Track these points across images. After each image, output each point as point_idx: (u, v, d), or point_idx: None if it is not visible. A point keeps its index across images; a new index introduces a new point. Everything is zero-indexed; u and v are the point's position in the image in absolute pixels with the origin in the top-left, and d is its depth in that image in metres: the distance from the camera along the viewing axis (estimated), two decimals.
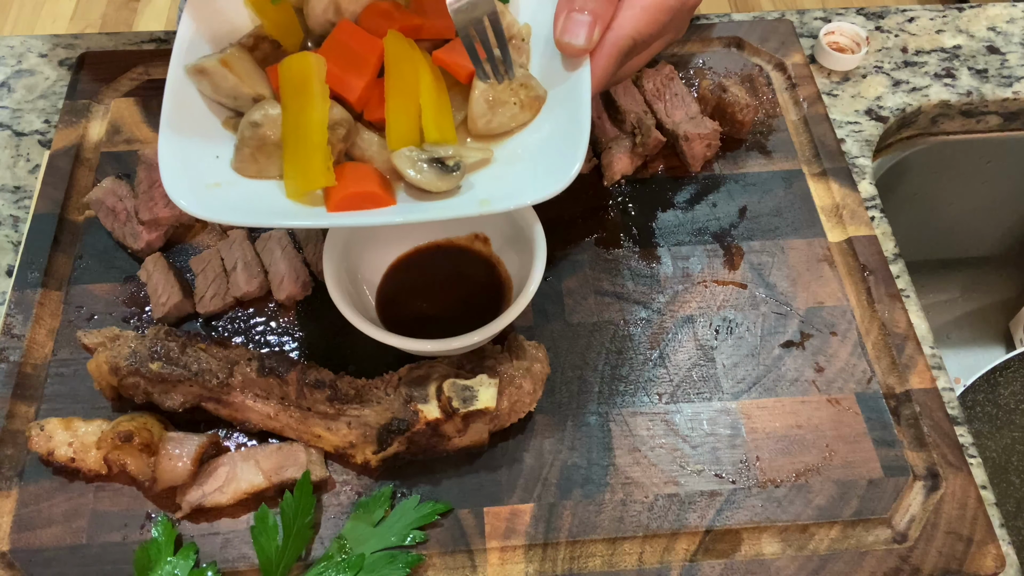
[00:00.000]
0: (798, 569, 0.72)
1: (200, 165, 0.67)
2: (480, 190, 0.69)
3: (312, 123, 0.65)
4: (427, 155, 0.67)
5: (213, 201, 0.65)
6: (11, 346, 0.81)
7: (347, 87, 0.68)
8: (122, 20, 2.73)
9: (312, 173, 0.65)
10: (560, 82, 0.72)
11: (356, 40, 0.69)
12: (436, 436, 0.73)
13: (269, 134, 0.67)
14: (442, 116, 0.70)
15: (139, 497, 0.73)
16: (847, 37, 1.08)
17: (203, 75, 0.69)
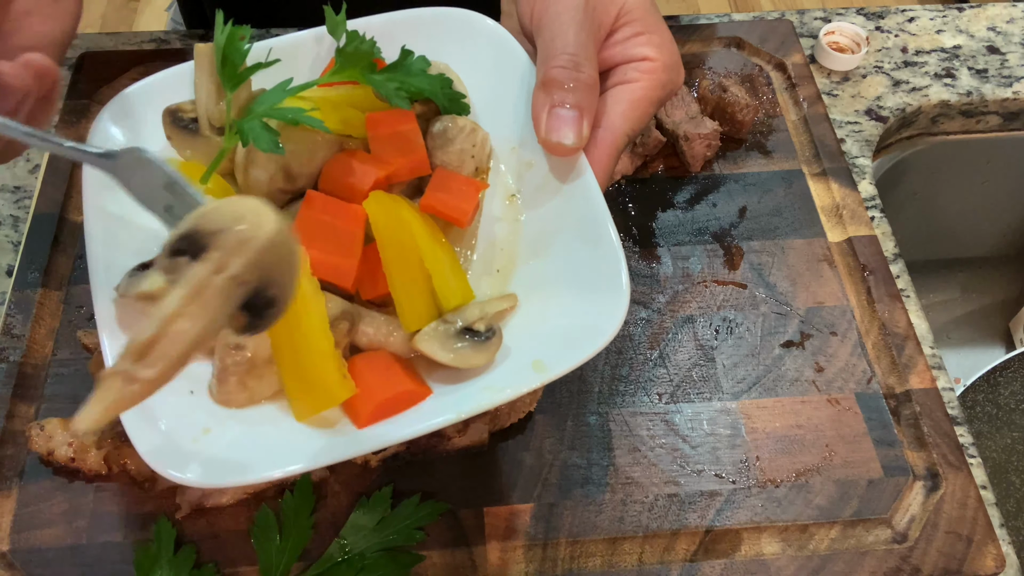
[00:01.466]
0: (798, 569, 0.72)
1: (176, 413, 0.54)
2: (523, 350, 0.57)
3: (312, 330, 0.52)
4: (455, 327, 0.56)
5: (214, 457, 0.52)
6: (11, 346, 0.81)
7: (337, 272, 0.56)
8: (122, 20, 2.73)
9: (327, 389, 0.53)
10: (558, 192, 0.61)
11: (331, 212, 0.56)
12: (436, 436, 0.72)
13: (258, 354, 0.54)
14: (455, 276, 0.59)
15: (139, 497, 0.73)
16: (847, 37, 1.08)
17: (149, 301, 0.54)
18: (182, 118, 0.60)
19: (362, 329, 0.57)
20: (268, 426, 0.54)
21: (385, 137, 0.59)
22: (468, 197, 0.62)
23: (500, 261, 0.63)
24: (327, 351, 0.53)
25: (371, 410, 0.54)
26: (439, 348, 0.56)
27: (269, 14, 1.14)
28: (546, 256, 0.61)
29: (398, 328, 0.58)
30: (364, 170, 0.58)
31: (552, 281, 0.60)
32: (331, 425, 0.55)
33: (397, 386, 0.55)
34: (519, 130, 0.64)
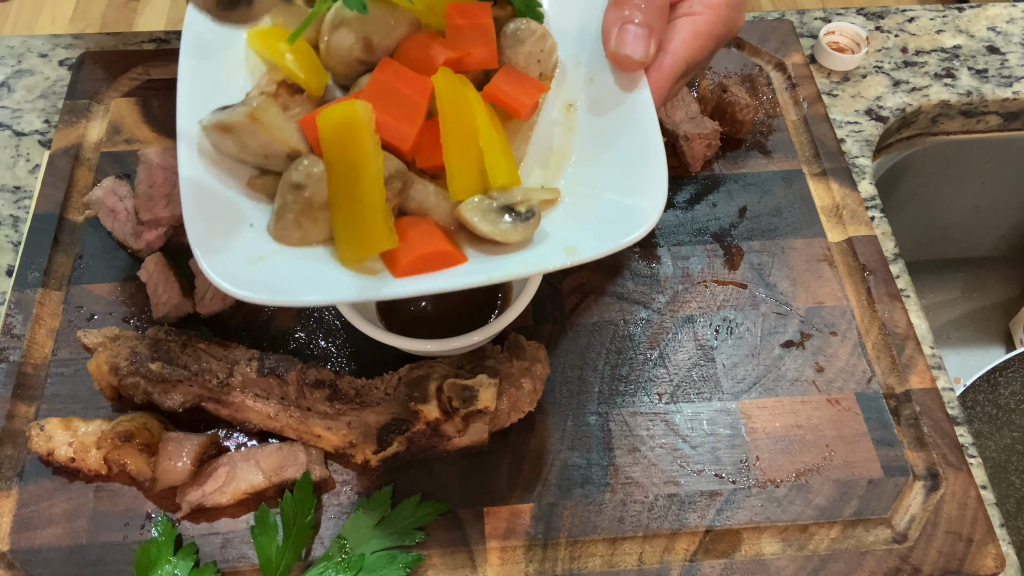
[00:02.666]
0: (798, 569, 0.72)
1: (235, 239, 0.59)
2: (559, 236, 0.61)
3: (368, 181, 0.57)
4: (497, 203, 0.60)
5: (265, 280, 0.56)
6: (11, 346, 0.81)
7: (398, 135, 0.60)
8: (122, 20, 2.73)
9: (373, 237, 0.57)
10: (616, 105, 0.66)
11: (403, 81, 0.60)
12: (436, 436, 0.73)
13: (315, 196, 0.58)
14: (505, 158, 0.63)
15: (139, 497, 0.73)
16: (847, 37, 1.09)
17: (227, 132, 0.59)
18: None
19: (412, 195, 0.61)
20: (315, 263, 0.59)
21: (462, 26, 0.63)
22: (529, 93, 0.65)
23: (551, 161, 0.67)
24: (378, 202, 0.57)
25: (409, 261, 0.57)
26: (479, 218, 0.59)
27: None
28: (595, 161, 0.65)
29: (445, 199, 0.61)
30: (438, 50, 0.62)
31: (596, 182, 0.64)
32: (372, 273, 0.58)
33: (435, 244, 0.59)
34: (586, 48, 0.68)
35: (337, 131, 0.57)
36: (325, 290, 0.56)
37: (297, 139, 0.60)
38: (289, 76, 0.63)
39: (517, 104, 0.65)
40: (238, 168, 0.62)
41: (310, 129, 0.60)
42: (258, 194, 0.62)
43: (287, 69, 0.63)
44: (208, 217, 0.58)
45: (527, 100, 0.65)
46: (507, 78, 0.66)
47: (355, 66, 0.64)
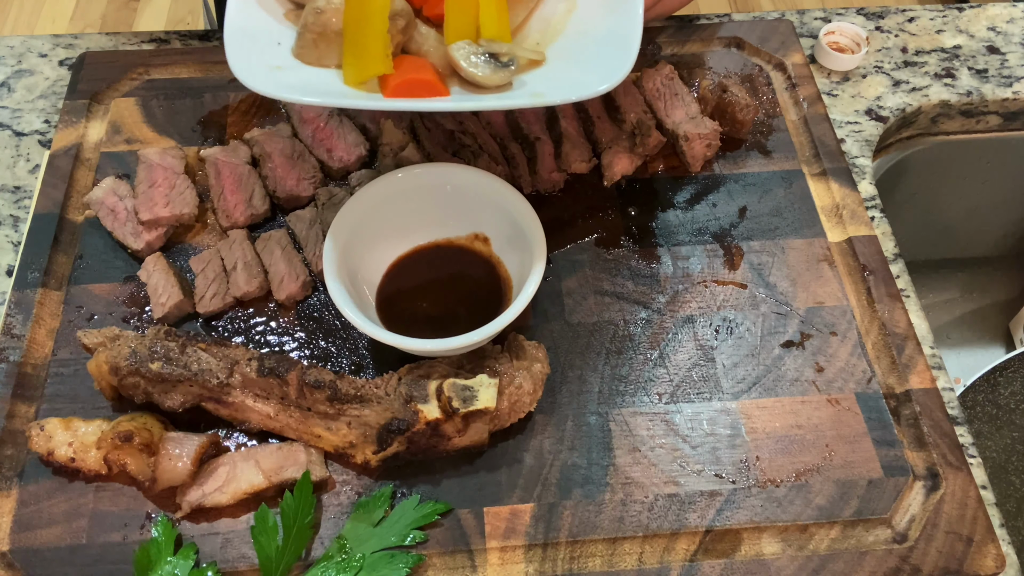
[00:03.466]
0: (798, 569, 0.72)
1: (263, 49, 0.70)
2: (532, 87, 0.70)
3: (373, 11, 0.67)
4: (483, 49, 0.69)
5: (276, 81, 0.67)
6: (11, 346, 0.81)
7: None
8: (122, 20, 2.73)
9: (372, 59, 0.67)
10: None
11: None
12: (436, 436, 0.73)
13: (332, 21, 0.68)
14: (499, 14, 0.72)
15: (139, 497, 0.73)
16: (847, 37, 1.08)
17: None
18: None
19: (414, 36, 0.70)
20: (324, 80, 0.70)
21: None
22: None
23: (547, 33, 0.76)
24: (380, 31, 0.67)
25: (397, 84, 0.67)
26: (463, 58, 0.69)
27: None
28: (584, 35, 0.75)
29: (441, 44, 0.71)
30: None
31: (579, 50, 0.74)
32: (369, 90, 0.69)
33: (422, 73, 0.68)
34: None
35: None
36: (325, 95, 0.68)
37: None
38: None
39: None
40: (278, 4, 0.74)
41: None
42: (290, 23, 0.73)
43: None
44: (244, 29, 0.69)
45: None
46: None
47: None
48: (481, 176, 0.81)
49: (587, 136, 0.96)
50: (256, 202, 0.90)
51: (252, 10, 0.72)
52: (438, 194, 0.82)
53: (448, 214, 0.84)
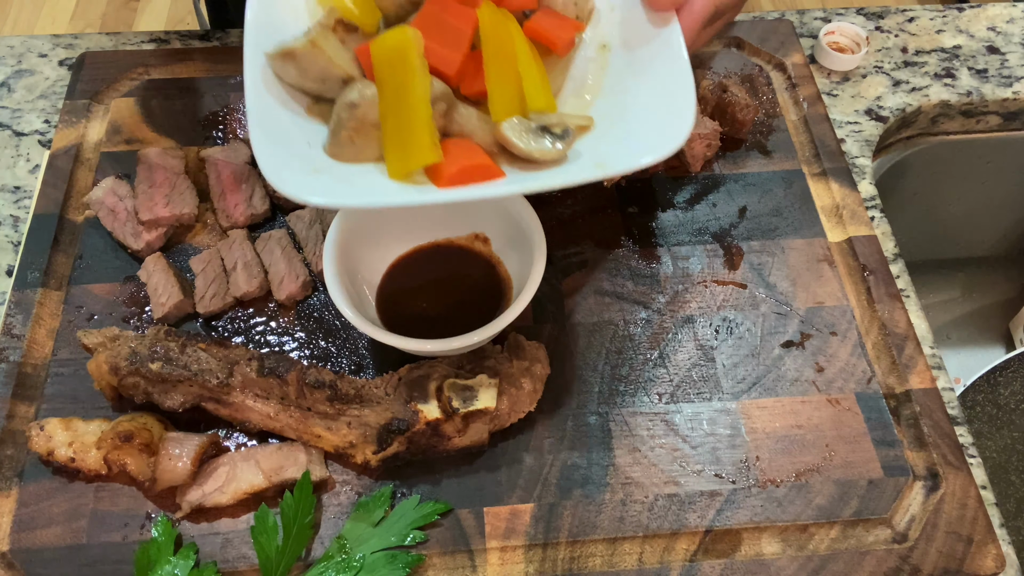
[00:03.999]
0: (798, 569, 0.72)
1: (294, 155, 0.65)
2: (590, 155, 0.66)
3: (415, 99, 0.63)
4: (534, 124, 0.66)
5: (322, 187, 0.63)
6: (11, 346, 0.81)
7: (445, 61, 0.66)
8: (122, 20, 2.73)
9: (419, 150, 0.63)
10: (648, 42, 0.70)
11: (450, 13, 0.66)
12: (436, 436, 0.73)
13: (367, 115, 0.65)
14: (543, 84, 0.69)
15: (139, 497, 0.73)
16: (847, 37, 1.08)
17: (290, 59, 0.66)
18: None
19: (455, 118, 0.66)
20: (368, 178, 0.65)
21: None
22: (566, 29, 0.71)
23: (584, 93, 0.72)
24: (425, 118, 0.63)
25: (452, 173, 0.63)
26: (516, 136, 0.65)
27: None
28: (625, 92, 0.70)
29: (486, 123, 0.67)
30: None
31: (626, 109, 0.69)
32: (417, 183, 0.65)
33: (476, 158, 0.64)
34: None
35: (389, 54, 0.64)
36: (375, 195, 0.63)
37: (352, 66, 0.67)
38: (345, 14, 0.69)
39: (555, 38, 0.70)
40: (297, 97, 0.69)
41: (364, 57, 0.66)
42: (315, 119, 0.68)
43: (343, 7, 0.69)
44: (271, 135, 0.64)
45: (564, 35, 0.70)
46: (546, 16, 0.70)
47: (405, 6, 0.70)
48: None
49: None
50: (256, 202, 0.90)
51: (276, 111, 0.67)
52: None
53: (448, 214, 0.84)
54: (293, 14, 0.71)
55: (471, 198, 0.63)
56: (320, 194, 0.61)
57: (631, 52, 0.72)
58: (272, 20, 0.70)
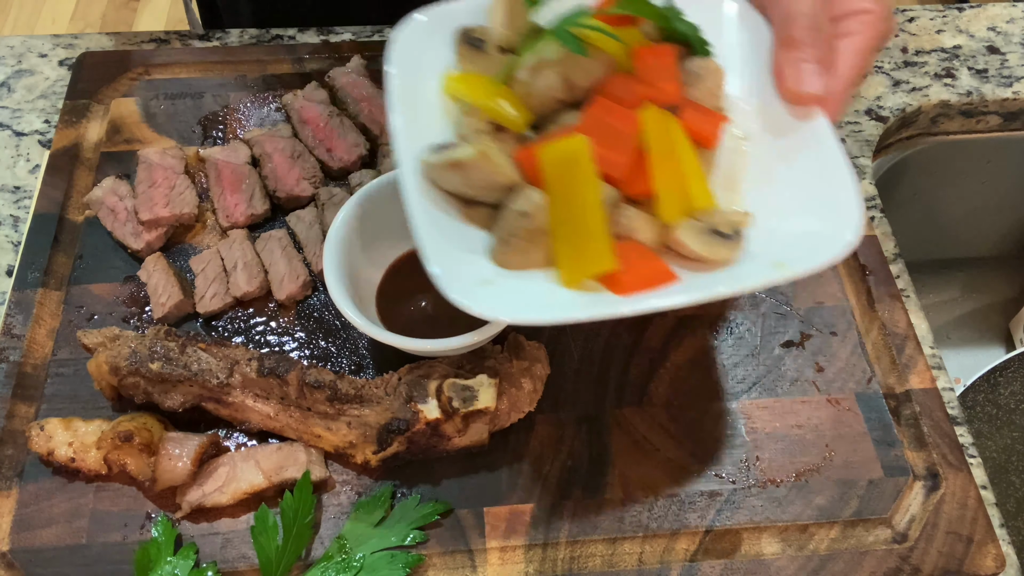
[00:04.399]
0: (798, 569, 0.72)
1: (463, 264, 0.65)
2: (762, 255, 0.66)
3: (589, 206, 0.63)
4: (704, 224, 0.65)
5: (499, 301, 0.63)
6: (11, 346, 0.81)
7: (613, 165, 0.65)
8: (122, 20, 2.73)
9: (596, 258, 0.63)
10: (792, 130, 0.70)
11: (615, 116, 0.67)
12: (436, 436, 0.73)
13: (538, 223, 0.64)
14: (704, 183, 0.69)
15: (139, 497, 0.73)
16: None
17: (457, 169, 0.66)
18: (472, 38, 0.72)
19: (620, 218, 0.66)
20: (540, 286, 0.64)
21: (652, 66, 0.69)
22: (714, 123, 0.71)
23: (731, 184, 0.72)
24: (601, 227, 0.63)
25: (632, 281, 0.63)
26: (692, 239, 0.65)
27: None
28: (774, 183, 0.70)
29: (650, 222, 0.67)
30: (636, 89, 0.68)
31: (781, 203, 0.69)
32: (594, 291, 0.64)
33: (653, 265, 0.64)
34: (754, 80, 0.73)
35: (560, 164, 0.64)
36: (558, 309, 0.62)
37: (515, 172, 0.66)
38: (495, 117, 0.69)
39: (707, 134, 0.70)
40: (451, 202, 0.68)
41: (527, 162, 0.66)
42: (472, 224, 0.68)
43: (495, 110, 0.69)
44: (441, 248, 0.64)
45: (714, 130, 0.71)
46: (693, 111, 0.70)
47: (553, 104, 0.70)
48: None
49: None
50: (256, 202, 0.90)
51: (440, 221, 0.66)
52: None
53: None
54: (429, 113, 0.71)
55: (656, 309, 0.62)
56: (505, 310, 0.61)
57: (774, 140, 0.72)
58: (413, 120, 0.70)
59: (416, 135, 0.69)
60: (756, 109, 0.74)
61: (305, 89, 0.97)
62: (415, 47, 0.73)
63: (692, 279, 0.65)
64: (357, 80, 0.98)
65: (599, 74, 0.69)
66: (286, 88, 1.01)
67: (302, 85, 0.99)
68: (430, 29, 0.73)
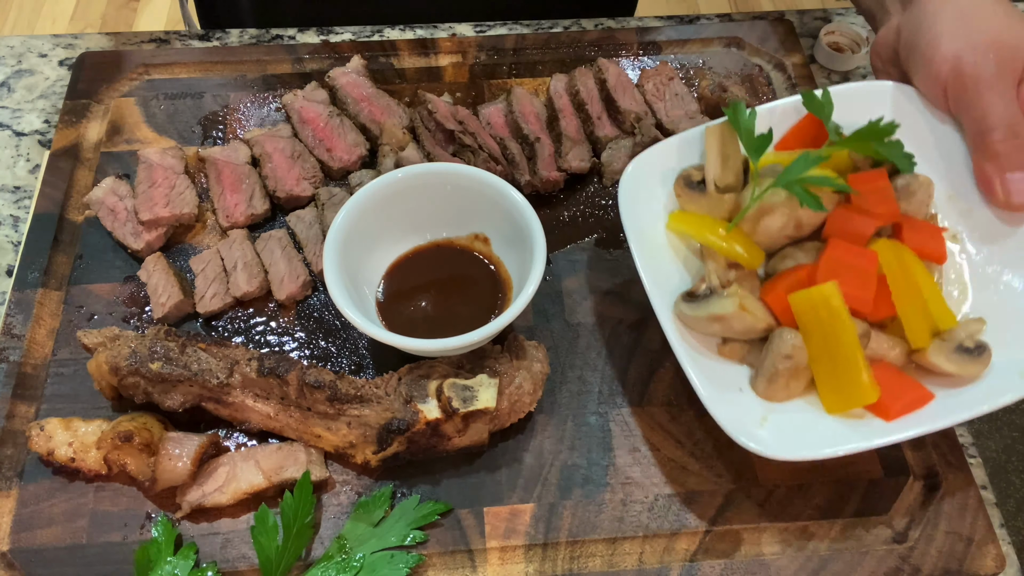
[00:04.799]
0: (798, 569, 0.72)
1: (735, 402, 0.71)
2: (1005, 365, 0.70)
3: (847, 344, 0.69)
4: (952, 344, 0.70)
5: (784, 439, 0.68)
6: (11, 346, 0.81)
7: (860, 301, 0.71)
8: (122, 20, 2.73)
9: (861, 392, 0.69)
10: (1007, 233, 0.75)
11: (852, 255, 0.72)
12: (436, 436, 0.73)
13: (800, 361, 0.70)
14: (943, 303, 0.74)
15: (139, 497, 0.73)
16: (847, 37, 1.08)
17: (720, 321, 0.72)
18: (692, 181, 0.79)
19: (870, 344, 0.71)
20: (807, 417, 0.70)
21: (869, 192, 0.75)
22: (938, 239, 0.76)
23: (952, 289, 0.77)
24: (861, 362, 0.69)
25: (899, 407, 0.69)
26: (945, 360, 0.70)
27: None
28: (998, 282, 0.75)
29: (896, 344, 0.72)
30: (863, 221, 0.73)
31: (1010, 304, 0.74)
32: (858, 418, 0.70)
33: (914, 389, 0.70)
34: (952, 181, 0.79)
35: (814, 306, 0.70)
36: (838, 441, 0.68)
37: (767, 315, 0.73)
38: (733, 258, 0.76)
39: (937, 254, 0.75)
40: (705, 341, 0.75)
41: (777, 304, 0.73)
42: (727, 359, 0.75)
43: (732, 252, 0.75)
44: (710, 388, 0.70)
45: (940, 247, 0.75)
46: (914, 230, 0.75)
47: (782, 241, 0.77)
48: (481, 176, 0.81)
49: (587, 135, 0.96)
50: (256, 202, 0.90)
51: (704, 364, 0.72)
52: (438, 194, 0.83)
53: (448, 214, 0.84)
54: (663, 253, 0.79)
55: (926, 432, 0.67)
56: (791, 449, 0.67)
57: (989, 244, 0.77)
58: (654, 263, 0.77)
59: (657, 276, 0.75)
60: (962, 211, 0.79)
61: (305, 89, 0.97)
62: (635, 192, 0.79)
63: (948, 397, 0.70)
64: (357, 80, 0.98)
65: (825, 213, 0.75)
66: (286, 88, 1.01)
67: (302, 85, 0.99)
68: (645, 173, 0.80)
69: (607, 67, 0.98)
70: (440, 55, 1.04)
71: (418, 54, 1.04)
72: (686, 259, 0.79)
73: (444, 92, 1.00)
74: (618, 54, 1.05)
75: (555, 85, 0.98)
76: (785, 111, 0.82)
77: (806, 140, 0.81)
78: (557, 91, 0.97)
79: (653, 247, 0.79)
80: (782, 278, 0.74)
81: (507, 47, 1.05)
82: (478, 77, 1.03)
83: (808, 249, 0.75)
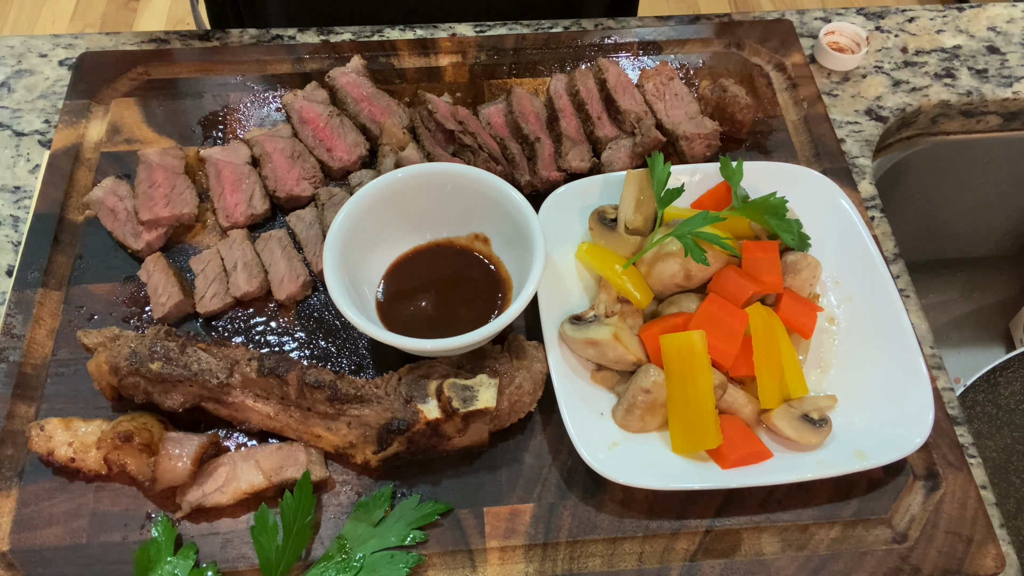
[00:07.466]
0: (798, 569, 0.72)
1: (591, 425, 0.75)
2: (844, 440, 0.75)
3: (702, 391, 0.73)
4: (797, 411, 0.75)
5: (623, 465, 0.72)
6: (11, 346, 0.81)
7: (723, 355, 0.75)
8: (122, 20, 2.73)
9: (705, 436, 0.73)
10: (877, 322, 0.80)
11: (725, 312, 0.76)
12: (436, 436, 0.72)
13: (658, 398, 0.74)
14: (800, 374, 0.78)
15: (139, 497, 0.73)
16: (847, 37, 1.08)
17: (592, 346, 0.76)
18: (606, 218, 0.84)
19: (724, 396, 0.76)
20: (654, 450, 0.75)
21: (757, 260, 0.80)
22: (811, 316, 0.80)
23: (820, 365, 0.81)
24: (711, 409, 0.73)
25: (735, 458, 0.73)
26: (787, 425, 0.74)
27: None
28: (860, 368, 0.79)
29: (750, 403, 0.77)
30: (744, 284, 0.78)
31: (864, 388, 0.78)
32: (700, 459, 0.75)
33: (754, 444, 0.74)
34: (839, 268, 0.84)
35: (679, 352, 0.74)
36: (672, 478, 0.72)
37: (640, 351, 0.78)
38: (624, 293, 0.80)
39: (805, 328, 0.80)
40: (582, 362, 0.79)
41: (651, 342, 0.77)
42: (598, 385, 0.79)
43: (625, 289, 0.80)
44: (575, 405, 0.75)
45: (810, 323, 0.80)
46: (792, 302, 0.80)
47: (672, 288, 0.81)
48: (481, 176, 0.81)
49: (587, 135, 0.96)
50: (256, 202, 0.90)
51: (575, 384, 0.77)
52: (438, 194, 0.82)
53: (448, 214, 0.84)
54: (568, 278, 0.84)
55: (754, 484, 0.73)
56: (627, 475, 0.71)
57: (860, 329, 0.81)
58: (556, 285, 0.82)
59: (555, 297, 0.80)
60: (844, 297, 0.83)
61: (305, 89, 0.97)
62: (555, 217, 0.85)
63: (785, 459, 0.74)
64: (357, 80, 0.98)
65: (715, 267, 0.80)
66: (286, 88, 1.01)
67: (302, 85, 0.99)
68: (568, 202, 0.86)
69: (607, 67, 0.98)
70: (440, 55, 1.04)
71: (418, 54, 1.04)
72: (587, 287, 0.84)
73: (444, 92, 1.00)
74: (618, 54, 1.05)
75: (555, 85, 0.98)
76: (708, 173, 0.88)
77: (717, 202, 0.86)
78: (557, 91, 0.97)
79: (559, 271, 0.83)
80: (662, 320, 0.79)
81: (507, 47, 1.05)
82: (478, 77, 1.03)
83: (693, 299, 0.80)
